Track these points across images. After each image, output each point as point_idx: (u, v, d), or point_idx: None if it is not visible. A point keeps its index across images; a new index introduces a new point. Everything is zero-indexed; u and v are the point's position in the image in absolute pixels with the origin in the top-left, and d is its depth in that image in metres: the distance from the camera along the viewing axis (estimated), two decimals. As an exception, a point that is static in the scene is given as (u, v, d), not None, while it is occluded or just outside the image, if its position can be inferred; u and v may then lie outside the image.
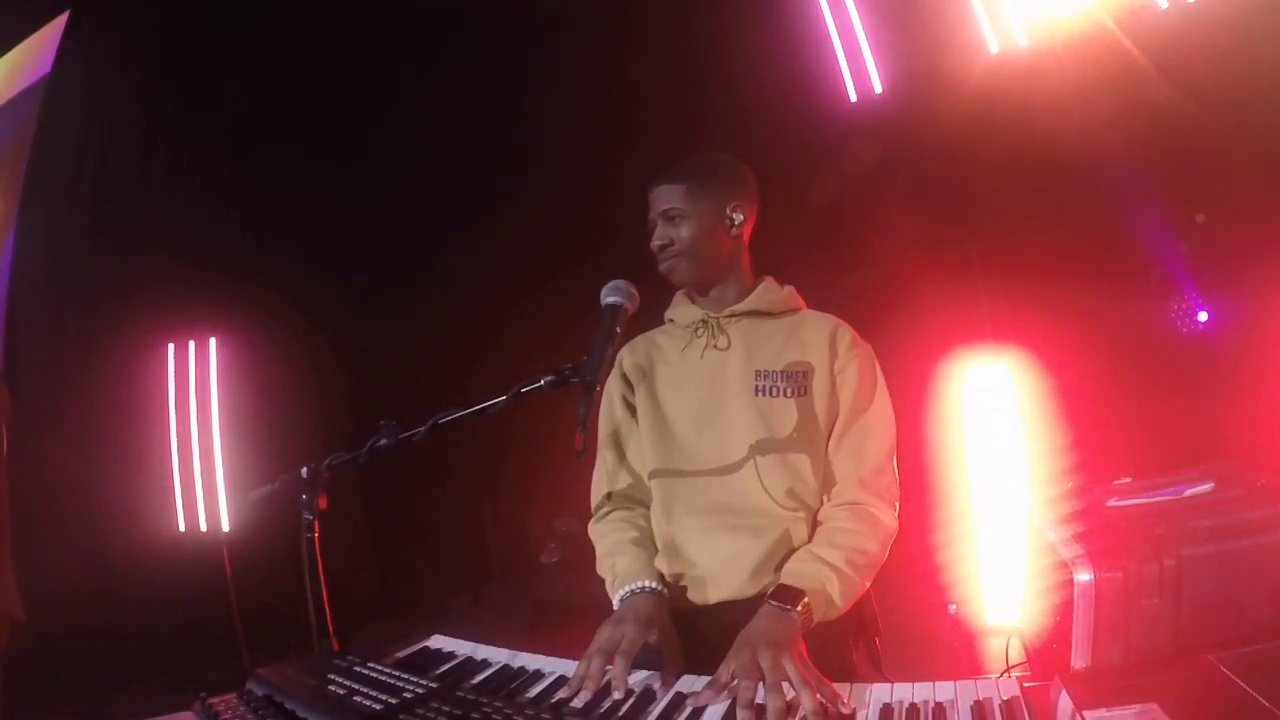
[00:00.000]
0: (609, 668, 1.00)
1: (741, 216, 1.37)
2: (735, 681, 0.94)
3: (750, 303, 1.37)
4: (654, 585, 1.21)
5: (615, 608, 1.21)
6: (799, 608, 1.07)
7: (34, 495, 3.37)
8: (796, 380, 1.31)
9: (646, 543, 1.32)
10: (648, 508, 1.38)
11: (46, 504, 3.39)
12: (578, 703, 0.96)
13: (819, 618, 1.12)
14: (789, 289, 1.42)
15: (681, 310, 1.42)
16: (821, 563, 1.16)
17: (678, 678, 1.01)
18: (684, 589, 1.28)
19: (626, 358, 1.42)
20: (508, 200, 4.01)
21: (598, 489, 1.42)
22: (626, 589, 1.21)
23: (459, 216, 4.08)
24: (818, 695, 0.88)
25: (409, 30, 3.89)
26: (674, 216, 1.33)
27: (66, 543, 3.37)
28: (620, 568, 1.26)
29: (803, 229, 3.20)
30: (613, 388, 1.41)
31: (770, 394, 1.30)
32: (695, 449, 1.32)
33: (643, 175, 1.38)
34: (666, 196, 1.34)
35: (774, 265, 1.44)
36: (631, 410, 1.40)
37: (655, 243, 1.34)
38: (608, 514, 1.38)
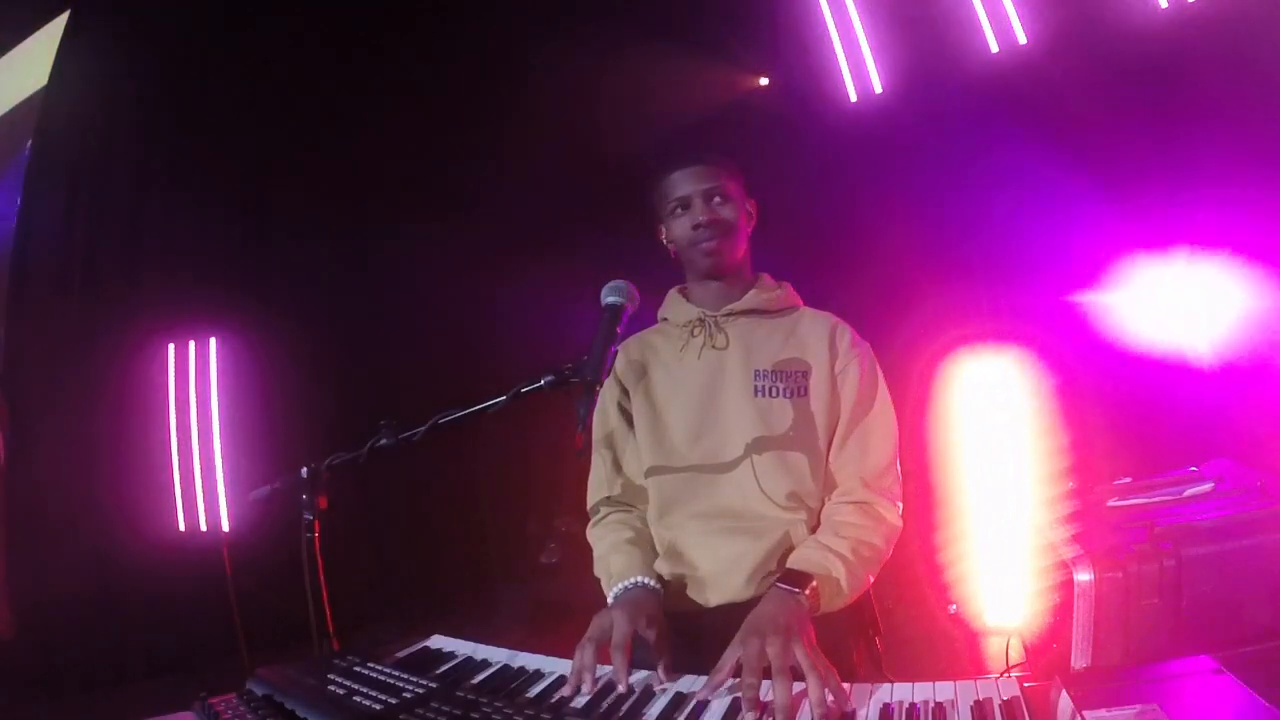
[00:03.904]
0: (605, 666, 1.00)
1: (753, 208, 1.37)
2: (739, 679, 0.93)
3: (748, 301, 1.36)
4: (648, 581, 1.21)
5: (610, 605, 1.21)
6: (807, 591, 1.07)
7: (34, 496, 3.38)
8: (796, 380, 1.30)
9: (643, 543, 1.31)
10: (644, 510, 1.37)
11: (47, 504, 3.40)
12: (579, 701, 0.96)
13: (826, 605, 1.11)
14: (786, 286, 1.42)
15: (677, 309, 1.41)
16: (828, 550, 1.16)
17: (670, 672, 1.01)
18: (684, 591, 1.27)
19: (620, 358, 1.40)
20: (509, 200, 4.01)
21: (594, 493, 1.41)
22: (620, 585, 1.21)
23: (460, 217, 4.08)
24: (824, 686, 0.88)
25: (407, 29, 3.89)
26: (716, 195, 1.31)
27: (67, 543, 3.37)
28: (615, 566, 1.26)
29: (803, 228, 3.21)
30: (606, 390, 1.39)
31: (770, 394, 1.29)
32: (694, 451, 1.31)
33: (642, 174, 1.37)
34: (707, 176, 1.31)
35: (774, 265, 1.44)
36: (625, 412, 1.39)
37: (701, 218, 1.30)
38: (605, 517, 1.38)
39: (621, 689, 0.96)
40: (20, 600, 3.10)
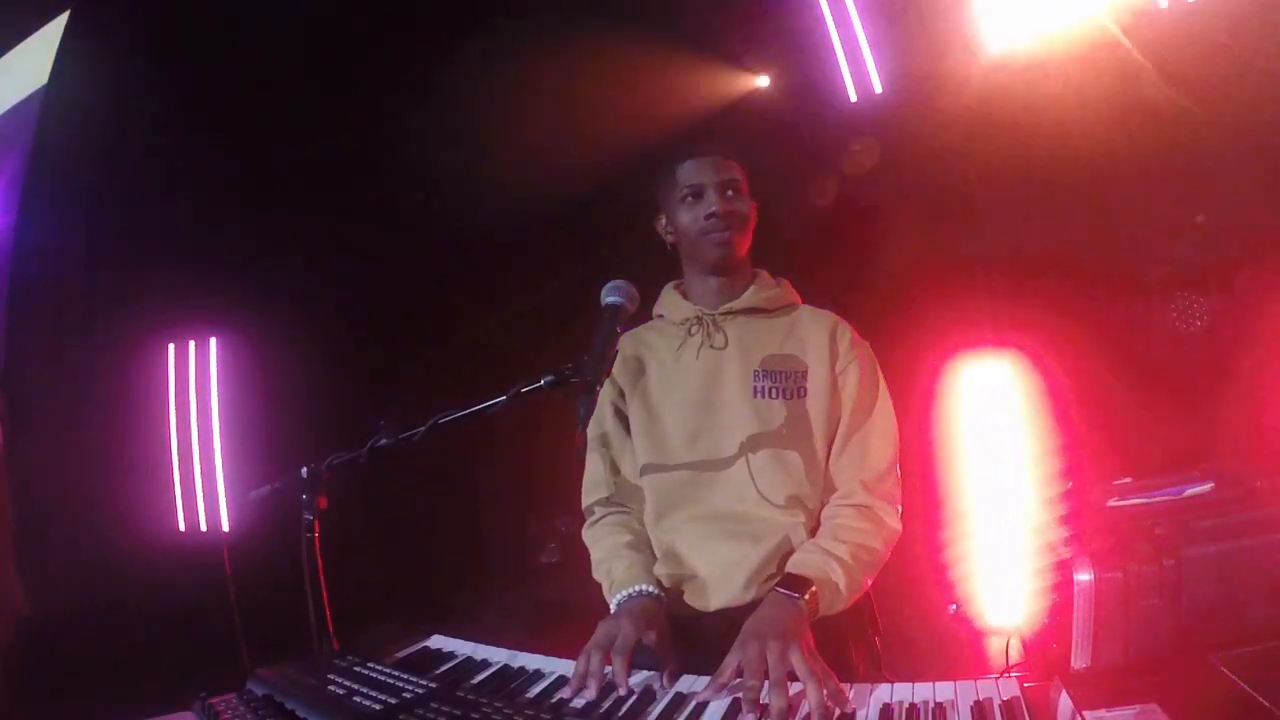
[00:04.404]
0: (607, 667, 1.00)
1: (754, 208, 1.37)
2: (739, 680, 0.93)
3: (747, 299, 1.35)
4: (651, 589, 1.20)
5: (612, 612, 1.20)
6: (806, 596, 1.07)
7: (34, 495, 3.38)
8: (795, 381, 1.29)
9: (642, 546, 1.30)
10: (640, 510, 1.36)
11: (47, 504, 3.40)
12: (579, 702, 0.96)
13: (825, 608, 1.11)
14: (785, 284, 1.41)
15: (673, 306, 1.40)
16: (827, 554, 1.16)
17: (676, 678, 1.01)
18: (683, 595, 1.27)
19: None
20: (507, 201, 4.01)
21: (589, 493, 1.40)
22: (624, 593, 1.20)
23: (461, 217, 4.08)
24: (824, 691, 0.88)
25: (412, 28, 3.89)
26: (730, 188, 1.31)
27: (67, 542, 3.37)
28: (617, 573, 1.24)
29: (803, 229, 3.21)
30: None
31: (769, 395, 1.28)
32: (690, 451, 1.30)
33: (644, 172, 1.37)
34: (723, 167, 1.31)
35: (773, 265, 1.44)
36: (620, 412, 1.38)
37: (715, 208, 1.29)
38: (601, 518, 1.37)
39: (622, 692, 0.96)
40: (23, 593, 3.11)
